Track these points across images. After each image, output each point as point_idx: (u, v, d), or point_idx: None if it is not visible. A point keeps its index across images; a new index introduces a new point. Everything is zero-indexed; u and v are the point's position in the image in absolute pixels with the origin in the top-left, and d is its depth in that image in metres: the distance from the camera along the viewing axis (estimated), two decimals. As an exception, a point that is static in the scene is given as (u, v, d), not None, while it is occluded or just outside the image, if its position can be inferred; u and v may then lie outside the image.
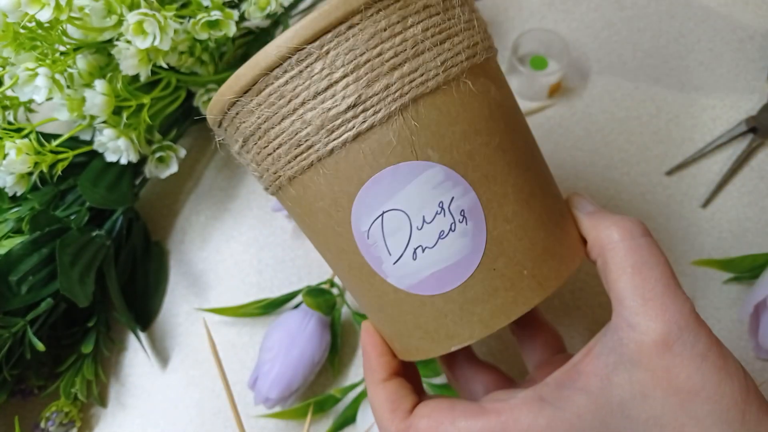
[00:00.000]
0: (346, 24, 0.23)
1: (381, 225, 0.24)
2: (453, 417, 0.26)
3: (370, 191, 0.24)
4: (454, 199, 0.24)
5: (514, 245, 0.25)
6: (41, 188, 0.44)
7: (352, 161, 0.24)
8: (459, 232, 0.24)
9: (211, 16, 0.41)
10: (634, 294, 0.24)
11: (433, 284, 0.25)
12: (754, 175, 0.47)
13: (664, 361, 0.23)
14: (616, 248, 0.25)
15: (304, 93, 0.24)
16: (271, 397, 0.39)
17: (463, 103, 0.24)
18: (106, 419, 0.44)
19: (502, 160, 0.25)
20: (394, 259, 0.25)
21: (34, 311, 0.40)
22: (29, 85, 0.37)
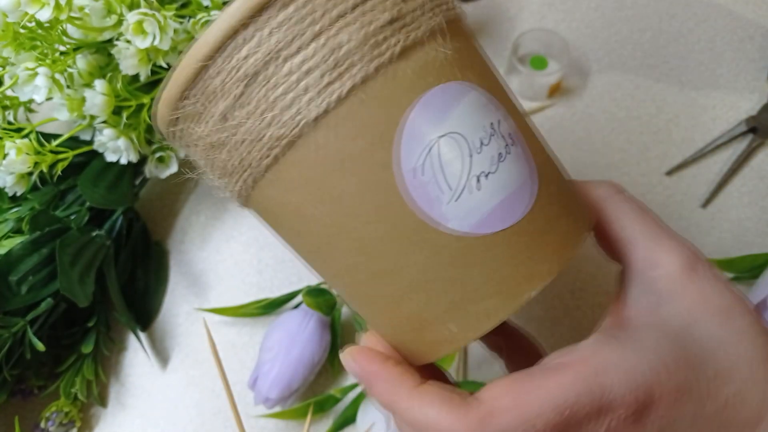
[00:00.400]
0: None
1: (438, 153, 0.21)
2: (532, 385, 0.22)
3: (422, 114, 0.21)
4: (501, 121, 0.23)
5: (555, 174, 0.25)
6: (41, 188, 0.44)
7: (399, 81, 0.21)
8: (514, 155, 0.23)
9: (210, 16, 0.41)
10: (644, 236, 0.25)
11: (501, 216, 0.22)
12: (754, 175, 0.47)
13: (695, 285, 0.24)
14: (614, 200, 0.26)
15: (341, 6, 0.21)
16: (271, 397, 0.39)
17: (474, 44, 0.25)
18: (106, 419, 0.44)
19: (513, 98, 0.25)
20: (455, 195, 0.22)
21: (34, 311, 0.40)
22: (29, 85, 0.37)
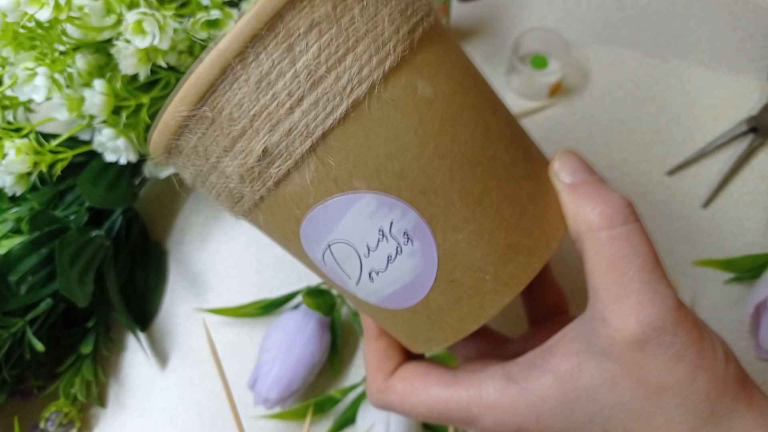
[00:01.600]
0: (226, 80, 0.21)
1: (332, 255, 0.24)
2: (427, 383, 0.27)
3: (310, 228, 0.24)
4: (394, 222, 0.23)
5: (470, 253, 0.23)
6: (40, 188, 0.44)
7: (282, 205, 0.23)
8: (407, 254, 0.23)
9: (210, 16, 0.41)
10: (608, 289, 0.23)
11: (396, 300, 0.25)
12: (754, 175, 0.47)
13: (636, 358, 0.23)
14: (594, 237, 0.23)
15: (215, 150, 0.23)
16: (271, 397, 0.39)
17: (381, 120, 0.22)
18: (106, 419, 0.44)
19: (441, 168, 0.23)
20: (354, 282, 0.25)
21: (33, 311, 0.40)
22: (28, 85, 0.37)
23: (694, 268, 0.44)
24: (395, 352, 0.29)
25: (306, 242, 0.24)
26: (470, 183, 0.23)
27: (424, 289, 0.24)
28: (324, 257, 0.24)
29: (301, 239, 0.24)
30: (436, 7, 0.45)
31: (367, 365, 0.30)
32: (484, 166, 0.23)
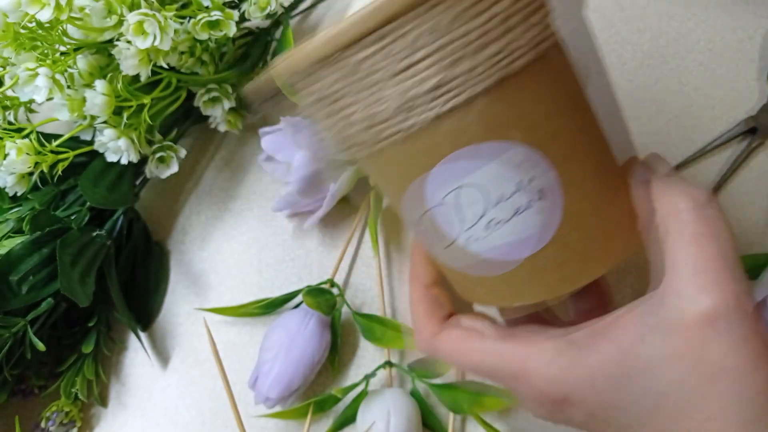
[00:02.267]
0: (427, 4, 0.21)
1: (457, 197, 0.24)
2: (483, 334, 0.27)
3: (447, 168, 0.23)
4: (534, 178, 0.23)
5: (589, 221, 0.25)
6: (42, 188, 0.44)
7: (430, 139, 0.23)
8: (535, 209, 0.24)
9: (211, 17, 0.41)
10: (688, 263, 0.23)
11: (503, 253, 0.25)
12: (753, 175, 0.47)
13: (703, 334, 0.23)
14: (680, 216, 0.24)
15: (381, 72, 0.22)
16: (272, 396, 0.39)
17: (549, 81, 0.23)
18: (107, 419, 0.44)
19: (583, 140, 0.25)
20: (465, 227, 0.25)
21: (34, 311, 0.40)
22: (30, 85, 0.37)
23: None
24: (446, 302, 0.29)
25: (434, 179, 0.24)
26: (600, 159, 0.25)
27: (539, 245, 0.25)
28: (445, 198, 0.24)
29: (429, 176, 0.24)
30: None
31: (416, 311, 0.29)
32: (608, 148, 0.26)
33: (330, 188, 0.43)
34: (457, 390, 0.39)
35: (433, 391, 0.40)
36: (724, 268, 0.23)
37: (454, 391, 0.39)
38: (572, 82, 0.24)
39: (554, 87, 0.23)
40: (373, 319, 0.41)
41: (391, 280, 0.46)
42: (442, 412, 0.41)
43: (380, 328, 0.41)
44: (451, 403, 0.39)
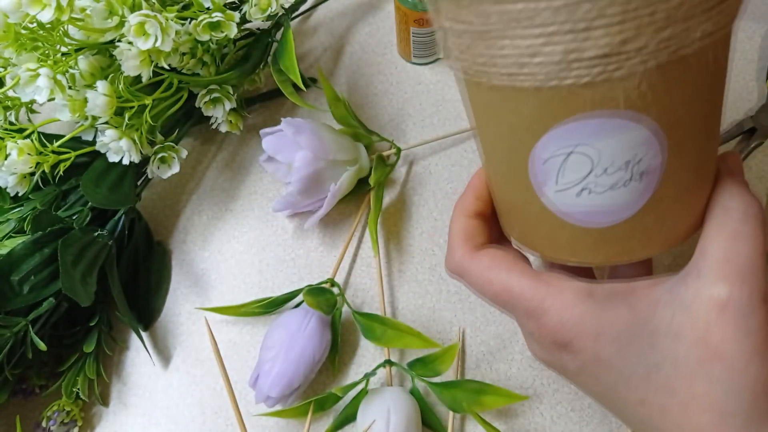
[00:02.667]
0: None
1: (563, 160, 0.24)
2: (512, 267, 0.28)
3: (571, 130, 0.23)
4: (642, 160, 0.24)
5: (668, 206, 0.26)
6: (43, 188, 0.44)
7: (569, 99, 0.23)
8: (629, 188, 0.25)
9: (212, 18, 0.41)
10: (719, 251, 0.25)
11: (580, 218, 0.26)
12: (752, 175, 0.47)
13: (709, 318, 0.24)
14: (728, 213, 0.26)
15: (556, 25, 0.21)
16: (272, 395, 0.39)
17: (700, 72, 0.23)
18: (108, 418, 0.44)
19: (704, 131, 0.25)
20: (557, 189, 0.26)
21: (35, 311, 0.40)
22: (31, 86, 0.37)
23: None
24: (484, 233, 0.31)
25: (549, 139, 0.24)
26: (707, 152, 0.26)
27: (616, 220, 0.26)
28: (551, 158, 0.25)
29: (546, 135, 0.24)
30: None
31: (454, 236, 0.31)
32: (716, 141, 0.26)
33: (330, 188, 0.44)
34: (456, 389, 0.39)
35: (433, 389, 0.40)
36: (749, 264, 0.24)
37: (454, 390, 0.39)
38: (720, 75, 0.24)
39: (704, 77, 0.24)
40: (373, 319, 0.41)
41: (391, 279, 0.46)
42: (442, 411, 0.41)
43: (380, 327, 0.41)
44: (450, 402, 0.39)
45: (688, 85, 0.23)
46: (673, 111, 0.23)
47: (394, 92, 0.53)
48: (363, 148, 0.47)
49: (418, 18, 0.48)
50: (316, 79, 0.54)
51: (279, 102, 0.54)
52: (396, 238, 0.47)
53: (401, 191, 0.49)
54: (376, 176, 0.46)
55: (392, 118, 0.52)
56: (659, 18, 0.21)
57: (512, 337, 0.43)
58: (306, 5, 0.54)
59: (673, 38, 0.21)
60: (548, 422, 0.41)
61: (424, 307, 0.45)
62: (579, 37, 0.21)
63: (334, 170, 0.44)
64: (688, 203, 0.27)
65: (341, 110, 0.47)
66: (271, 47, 0.50)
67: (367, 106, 0.53)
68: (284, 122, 0.43)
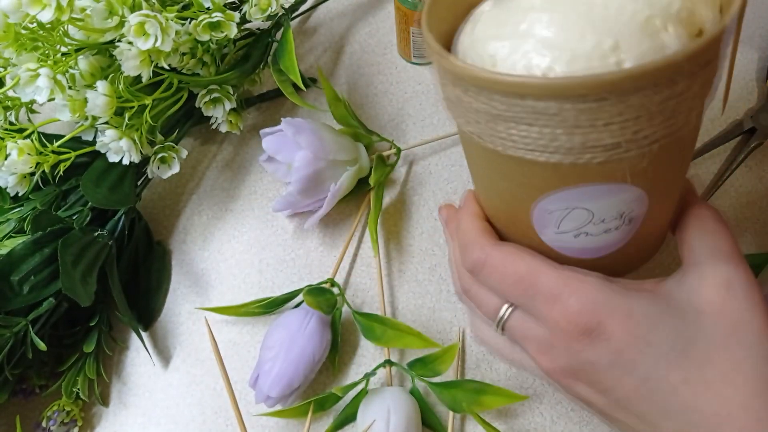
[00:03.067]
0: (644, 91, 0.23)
1: (566, 213, 0.27)
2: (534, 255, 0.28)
3: (578, 192, 0.26)
4: (633, 210, 0.27)
5: (647, 239, 0.30)
6: (43, 188, 0.44)
7: (580, 171, 0.25)
8: (619, 231, 0.28)
9: (212, 18, 0.41)
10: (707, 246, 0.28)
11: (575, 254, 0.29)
12: (752, 175, 0.47)
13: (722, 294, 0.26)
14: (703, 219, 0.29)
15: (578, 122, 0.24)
16: (272, 395, 0.39)
17: (689, 140, 0.27)
18: (108, 418, 0.44)
19: (682, 175, 0.29)
20: (557, 232, 0.28)
21: (35, 311, 0.40)
22: (31, 86, 0.37)
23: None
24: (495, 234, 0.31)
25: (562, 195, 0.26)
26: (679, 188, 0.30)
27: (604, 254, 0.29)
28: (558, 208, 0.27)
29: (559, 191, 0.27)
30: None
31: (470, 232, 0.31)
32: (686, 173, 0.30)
33: (330, 188, 0.44)
34: (456, 389, 0.39)
35: (433, 389, 0.40)
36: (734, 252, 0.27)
37: (454, 390, 0.39)
38: (693, 140, 0.28)
39: (690, 142, 0.28)
40: (373, 319, 0.42)
41: (391, 279, 0.46)
42: (442, 411, 0.41)
43: (380, 327, 0.41)
44: (450, 402, 0.39)
45: (679, 152, 0.27)
46: (664, 173, 0.27)
47: (394, 92, 0.53)
48: (363, 148, 0.47)
49: (419, 18, 0.48)
50: (316, 79, 0.54)
51: (279, 102, 0.54)
52: (396, 238, 0.47)
53: (401, 191, 0.49)
54: (376, 176, 0.46)
55: (392, 118, 0.52)
56: (668, 110, 0.23)
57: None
58: (306, 5, 0.54)
59: (676, 124, 0.24)
60: (548, 422, 0.41)
61: (424, 307, 0.45)
62: (598, 130, 0.23)
63: (334, 170, 0.44)
64: (661, 229, 0.31)
65: (341, 110, 0.47)
66: (271, 47, 0.50)
67: (367, 106, 0.53)
68: (284, 122, 0.43)
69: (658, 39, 0.25)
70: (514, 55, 0.25)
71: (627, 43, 0.24)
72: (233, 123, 0.49)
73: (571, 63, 0.24)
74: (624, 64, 0.24)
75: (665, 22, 0.25)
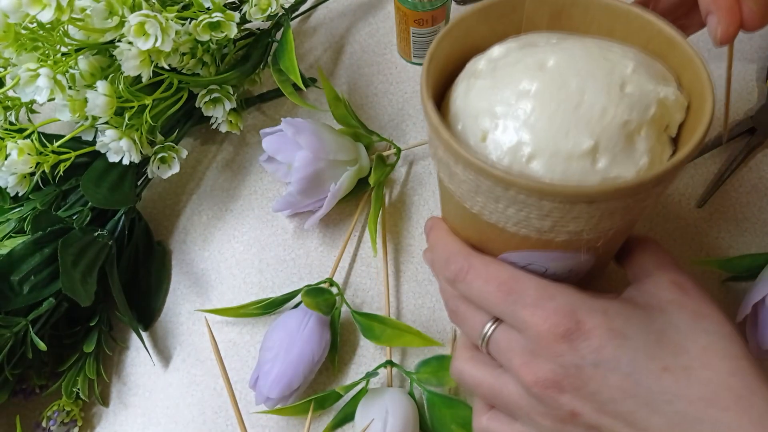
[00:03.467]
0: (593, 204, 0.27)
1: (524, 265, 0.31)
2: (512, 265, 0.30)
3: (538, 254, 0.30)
4: (582, 266, 0.31)
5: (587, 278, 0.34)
6: (43, 188, 0.44)
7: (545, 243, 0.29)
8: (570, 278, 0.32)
9: (212, 18, 0.41)
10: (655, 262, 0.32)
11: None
12: (752, 175, 0.47)
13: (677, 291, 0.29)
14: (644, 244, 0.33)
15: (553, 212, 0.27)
16: (272, 397, 0.39)
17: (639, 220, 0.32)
18: (108, 418, 0.44)
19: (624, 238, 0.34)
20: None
21: (35, 311, 0.40)
22: (31, 86, 0.37)
23: (691, 267, 0.44)
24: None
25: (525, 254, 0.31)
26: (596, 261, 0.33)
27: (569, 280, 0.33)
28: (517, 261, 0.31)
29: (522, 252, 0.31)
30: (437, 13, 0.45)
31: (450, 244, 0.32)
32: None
33: (330, 188, 0.44)
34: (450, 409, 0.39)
35: (428, 399, 0.40)
36: (675, 264, 0.31)
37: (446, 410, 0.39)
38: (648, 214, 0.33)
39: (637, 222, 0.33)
40: (373, 318, 0.42)
41: (391, 279, 0.46)
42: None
43: (379, 326, 0.41)
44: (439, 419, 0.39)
45: (631, 227, 0.32)
46: (615, 244, 0.33)
47: (394, 92, 0.53)
48: (363, 148, 0.47)
49: (418, 18, 0.48)
50: (316, 79, 0.54)
51: (279, 102, 0.54)
52: (396, 238, 0.47)
53: (401, 191, 0.49)
54: (376, 176, 0.46)
55: (392, 118, 0.52)
56: (628, 210, 0.27)
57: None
58: (306, 5, 0.54)
59: (633, 217, 0.29)
60: None
61: (424, 307, 0.45)
62: (566, 220, 0.27)
63: (334, 170, 0.44)
64: (607, 263, 0.36)
65: (341, 110, 0.47)
66: (271, 47, 0.50)
67: (367, 106, 0.53)
68: (284, 122, 0.43)
69: (632, 140, 0.28)
70: (502, 136, 0.28)
71: (605, 144, 0.28)
72: (233, 123, 0.49)
73: (551, 158, 0.28)
74: (598, 164, 0.27)
75: (641, 125, 0.28)
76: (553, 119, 0.28)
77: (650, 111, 0.28)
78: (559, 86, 0.28)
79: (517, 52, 0.31)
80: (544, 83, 0.29)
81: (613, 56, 0.30)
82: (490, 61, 0.31)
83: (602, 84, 0.28)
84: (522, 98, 0.29)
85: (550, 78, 0.29)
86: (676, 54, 0.31)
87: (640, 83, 0.29)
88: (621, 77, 0.29)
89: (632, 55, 0.30)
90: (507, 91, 0.29)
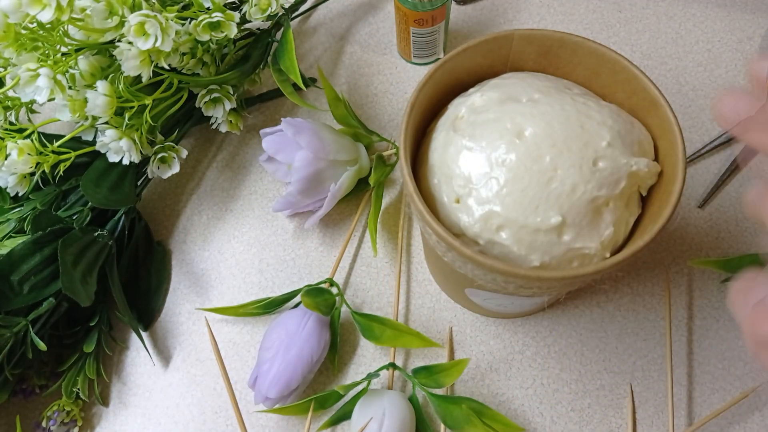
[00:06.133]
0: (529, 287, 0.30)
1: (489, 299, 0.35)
2: None
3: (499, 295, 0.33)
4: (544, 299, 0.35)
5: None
6: (43, 188, 0.44)
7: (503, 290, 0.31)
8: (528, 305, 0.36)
9: (212, 18, 0.41)
10: None
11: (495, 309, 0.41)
12: (753, 175, 0.47)
13: None
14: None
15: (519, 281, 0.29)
16: (271, 396, 0.39)
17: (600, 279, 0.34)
18: (108, 418, 0.44)
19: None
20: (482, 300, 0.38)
21: (35, 311, 0.40)
22: (31, 86, 0.37)
23: (691, 267, 0.44)
24: None
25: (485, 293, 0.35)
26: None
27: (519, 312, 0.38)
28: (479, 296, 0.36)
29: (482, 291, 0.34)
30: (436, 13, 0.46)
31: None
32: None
33: (330, 188, 0.44)
34: (455, 405, 0.39)
35: (432, 400, 0.40)
36: None
37: (452, 406, 0.39)
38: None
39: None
40: (372, 318, 0.42)
41: (391, 279, 0.46)
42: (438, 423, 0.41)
43: (379, 327, 0.41)
44: (445, 417, 0.39)
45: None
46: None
47: (394, 92, 0.53)
48: (363, 148, 0.47)
49: (418, 18, 0.48)
50: (316, 79, 0.54)
51: (279, 102, 0.54)
52: (396, 238, 0.47)
53: (401, 191, 0.49)
54: (376, 176, 0.46)
55: (392, 118, 0.52)
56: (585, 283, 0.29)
57: (512, 337, 0.43)
58: (306, 5, 0.54)
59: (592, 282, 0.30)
60: (548, 422, 0.41)
61: (424, 307, 0.45)
62: (528, 286, 0.29)
63: (334, 170, 0.44)
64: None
65: (341, 110, 0.47)
66: (271, 47, 0.50)
67: (367, 106, 0.53)
68: (284, 122, 0.43)
69: (599, 213, 0.29)
70: (475, 204, 0.30)
71: (572, 219, 0.29)
72: (233, 123, 0.49)
73: (520, 230, 0.29)
74: (564, 236, 0.29)
75: (609, 199, 0.29)
76: (525, 193, 0.29)
77: (620, 185, 0.30)
78: (534, 159, 0.29)
79: (497, 107, 0.32)
80: (519, 155, 0.30)
81: (590, 125, 0.30)
82: (471, 111, 0.33)
83: (576, 159, 0.29)
84: (497, 167, 0.30)
85: (526, 150, 0.30)
86: (658, 115, 0.31)
87: (614, 157, 0.30)
88: (595, 151, 0.30)
89: (611, 123, 0.31)
90: (482, 158, 0.31)
